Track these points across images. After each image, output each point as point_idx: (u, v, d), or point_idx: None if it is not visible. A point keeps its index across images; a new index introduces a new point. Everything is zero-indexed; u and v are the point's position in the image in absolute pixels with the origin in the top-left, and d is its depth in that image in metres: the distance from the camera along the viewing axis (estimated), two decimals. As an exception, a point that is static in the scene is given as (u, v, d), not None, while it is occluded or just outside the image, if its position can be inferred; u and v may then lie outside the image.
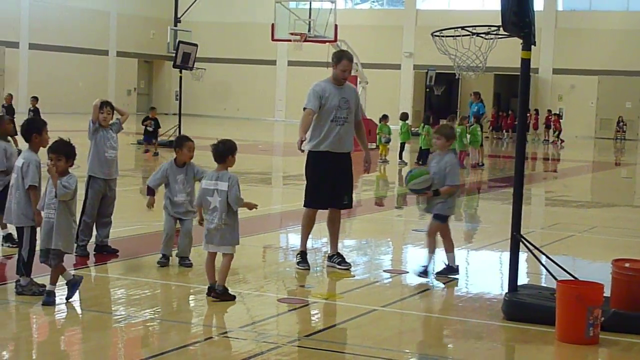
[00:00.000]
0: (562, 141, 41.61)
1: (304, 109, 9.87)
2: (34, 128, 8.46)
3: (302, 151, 9.88)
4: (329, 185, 9.92)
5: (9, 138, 10.68)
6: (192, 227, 9.92)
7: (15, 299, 8.13)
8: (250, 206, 8.56)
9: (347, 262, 10.08)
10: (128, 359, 6.73)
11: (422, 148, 25.32)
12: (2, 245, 10.36)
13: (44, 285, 8.31)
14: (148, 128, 26.92)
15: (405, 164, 25.75)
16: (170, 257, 9.86)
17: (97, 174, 10.27)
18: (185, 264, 9.79)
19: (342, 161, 10.03)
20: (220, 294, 8.29)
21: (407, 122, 27.17)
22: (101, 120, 10.31)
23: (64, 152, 8.06)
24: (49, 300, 7.96)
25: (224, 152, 8.43)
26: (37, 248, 8.26)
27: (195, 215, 9.26)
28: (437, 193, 9.61)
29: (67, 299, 8.07)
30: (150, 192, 10.01)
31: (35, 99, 27.99)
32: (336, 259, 10.07)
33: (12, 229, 9.75)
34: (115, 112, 10.53)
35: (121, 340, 7.26)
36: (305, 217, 10.10)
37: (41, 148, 8.50)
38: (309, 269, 9.83)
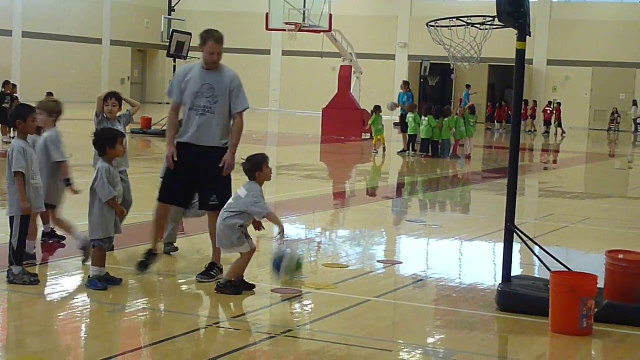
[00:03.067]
0: (564, 132, 41.71)
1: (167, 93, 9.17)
2: (18, 115, 8.42)
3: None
4: (187, 180, 8.80)
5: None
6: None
7: (7, 287, 8.10)
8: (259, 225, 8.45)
9: (208, 275, 8.70)
10: (120, 349, 6.71)
11: (423, 138, 25.30)
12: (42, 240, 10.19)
13: (36, 275, 8.30)
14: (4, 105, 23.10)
15: (417, 153, 25.39)
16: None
17: None
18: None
19: (204, 156, 8.75)
20: (220, 287, 8.28)
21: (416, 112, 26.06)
22: (107, 113, 10.14)
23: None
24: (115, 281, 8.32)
25: (250, 170, 8.32)
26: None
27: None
28: (68, 182, 9.37)
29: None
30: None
31: (13, 86, 26.58)
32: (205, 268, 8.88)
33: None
34: (124, 103, 10.43)
35: (113, 330, 7.24)
36: (156, 213, 9.06)
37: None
38: (146, 270, 8.86)
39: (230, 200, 8.35)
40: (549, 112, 43.32)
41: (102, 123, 10.10)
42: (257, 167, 8.32)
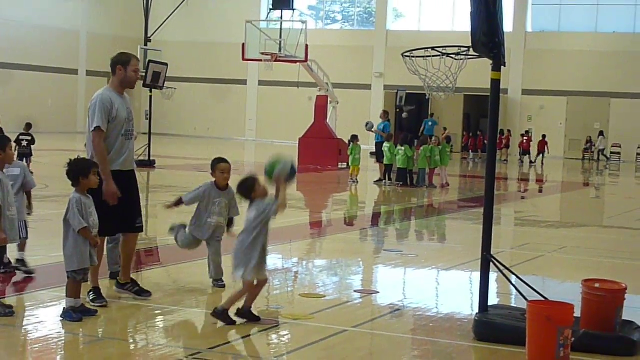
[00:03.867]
0: (540, 161, 42.00)
1: (96, 127, 8.66)
2: None
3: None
4: (120, 208, 8.78)
5: None
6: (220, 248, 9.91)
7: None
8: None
9: (146, 291, 9.10)
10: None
11: (400, 167, 25.30)
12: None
13: (12, 306, 8.23)
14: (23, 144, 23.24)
15: (393, 182, 25.38)
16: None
17: None
18: (220, 285, 9.78)
19: (131, 180, 9.02)
20: (217, 313, 8.29)
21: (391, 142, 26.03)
22: None
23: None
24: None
25: (247, 193, 8.44)
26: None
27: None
28: None
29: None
30: (179, 203, 9.84)
31: None
32: (131, 287, 9.08)
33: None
34: None
35: (89, 361, 7.19)
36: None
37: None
38: (107, 304, 8.78)
39: (243, 229, 8.40)
40: (524, 141, 43.58)
41: None
42: (251, 190, 8.40)
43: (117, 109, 8.77)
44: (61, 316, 8.12)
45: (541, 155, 42.83)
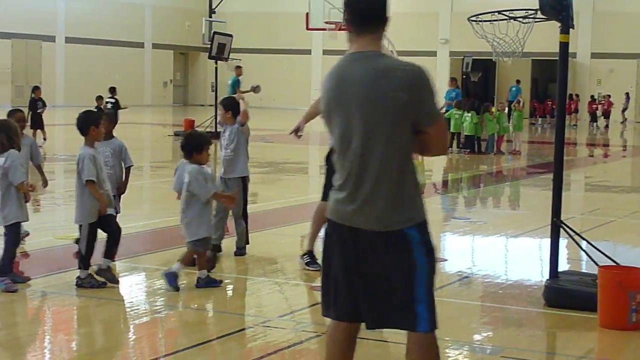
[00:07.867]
0: (607, 125, 41.53)
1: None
2: (92, 121, 8.49)
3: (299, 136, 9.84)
4: None
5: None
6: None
7: (76, 291, 8.19)
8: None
9: (316, 263, 8.94)
10: (169, 348, 6.75)
11: (467, 134, 25.05)
12: None
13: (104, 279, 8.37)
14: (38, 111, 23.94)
15: (461, 149, 25.18)
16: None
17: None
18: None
19: None
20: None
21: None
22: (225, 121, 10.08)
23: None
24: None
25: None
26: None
27: None
28: None
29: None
30: None
31: (38, 89, 26.39)
32: (307, 258, 9.21)
33: None
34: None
35: (161, 330, 7.28)
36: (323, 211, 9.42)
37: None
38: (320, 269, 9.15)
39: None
40: (594, 107, 42.98)
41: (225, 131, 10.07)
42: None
43: None
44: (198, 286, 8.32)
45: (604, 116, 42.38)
